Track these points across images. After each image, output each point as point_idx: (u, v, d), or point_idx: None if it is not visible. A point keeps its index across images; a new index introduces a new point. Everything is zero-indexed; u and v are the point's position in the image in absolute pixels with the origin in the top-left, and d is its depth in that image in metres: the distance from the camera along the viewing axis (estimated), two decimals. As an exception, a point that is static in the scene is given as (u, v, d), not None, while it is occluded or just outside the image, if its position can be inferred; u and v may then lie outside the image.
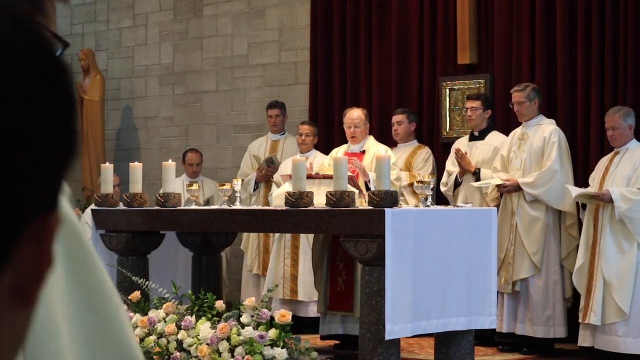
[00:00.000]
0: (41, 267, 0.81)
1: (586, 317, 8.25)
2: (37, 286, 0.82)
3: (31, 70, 0.79)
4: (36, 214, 0.80)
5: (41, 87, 0.80)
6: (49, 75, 0.81)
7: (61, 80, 0.82)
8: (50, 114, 0.80)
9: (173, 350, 7.04)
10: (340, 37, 10.92)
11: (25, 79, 0.78)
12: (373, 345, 6.73)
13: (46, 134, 0.79)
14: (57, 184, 0.82)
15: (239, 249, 10.77)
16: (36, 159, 0.79)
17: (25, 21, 0.80)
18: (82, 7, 13.33)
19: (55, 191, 0.82)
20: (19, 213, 0.78)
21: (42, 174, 0.80)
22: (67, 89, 0.82)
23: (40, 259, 0.81)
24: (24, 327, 0.83)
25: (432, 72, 10.36)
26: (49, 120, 0.80)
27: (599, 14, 9.23)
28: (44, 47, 0.81)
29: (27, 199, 0.79)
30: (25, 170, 0.78)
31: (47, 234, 0.81)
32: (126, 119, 12.93)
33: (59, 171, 0.82)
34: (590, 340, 8.32)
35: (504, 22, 9.88)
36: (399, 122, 9.87)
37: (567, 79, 9.43)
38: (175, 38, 12.42)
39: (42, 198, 0.81)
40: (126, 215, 8.16)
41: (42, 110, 0.79)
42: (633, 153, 8.43)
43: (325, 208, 7.10)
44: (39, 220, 0.80)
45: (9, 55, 0.77)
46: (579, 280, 8.42)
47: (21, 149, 0.77)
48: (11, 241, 0.78)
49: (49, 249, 0.82)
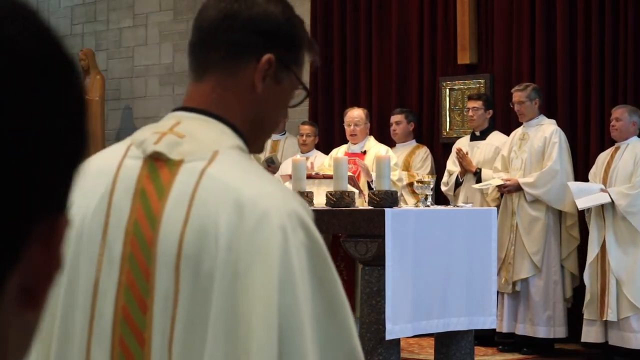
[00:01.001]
0: (50, 268, 0.81)
1: (603, 315, 8.30)
2: (46, 288, 0.82)
3: (41, 72, 0.79)
4: (45, 215, 0.80)
5: (51, 88, 0.80)
6: (59, 77, 0.81)
7: (71, 82, 0.82)
8: (60, 115, 0.80)
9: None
10: (340, 37, 10.93)
11: (35, 80, 0.78)
12: (373, 345, 6.73)
13: (55, 135, 0.79)
14: (66, 185, 0.82)
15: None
16: (45, 160, 0.79)
17: (34, 22, 0.80)
18: (82, 7, 13.33)
19: (65, 193, 0.82)
20: (27, 214, 0.78)
21: (50, 176, 0.80)
22: (77, 90, 0.82)
23: (48, 261, 0.81)
24: (32, 329, 0.83)
25: (432, 72, 10.37)
26: (58, 122, 0.80)
27: (599, 14, 9.24)
28: (53, 48, 0.81)
29: (36, 200, 0.79)
30: (33, 172, 0.78)
31: (56, 235, 0.81)
32: (126, 119, 12.93)
33: (68, 173, 0.82)
34: (600, 336, 8.37)
35: (504, 22, 9.88)
36: (398, 122, 9.87)
37: (567, 79, 9.43)
38: (175, 38, 12.43)
39: (51, 199, 0.80)
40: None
41: (52, 111, 0.79)
42: (634, 148, 8.45)
43: (325, 208, 7.10)
44: (48, 222, 0.80)
45: (19, 56, 0.77)
46: (591, 276, 8.44)
47: (30, 150, 0.77)
48: (20, 242, 0.78)
49: (57, 251, 0.82)
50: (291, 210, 1.78)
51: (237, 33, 1.92)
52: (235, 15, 1.92)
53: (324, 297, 1.76)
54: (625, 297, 8.24)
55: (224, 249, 1.74)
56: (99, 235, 1.85)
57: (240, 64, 1.92)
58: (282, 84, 1.95)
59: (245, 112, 1.93)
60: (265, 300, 1.71)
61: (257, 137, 1.98)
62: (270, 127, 2.01)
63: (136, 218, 1.82)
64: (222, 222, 1.75)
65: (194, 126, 1.89)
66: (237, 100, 1.93)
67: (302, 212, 1.81)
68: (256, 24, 1.92)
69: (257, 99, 1.93)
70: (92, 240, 1.85)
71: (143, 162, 1.86)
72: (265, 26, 1.92)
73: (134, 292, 1.81)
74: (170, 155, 1.84)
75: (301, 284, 1.73)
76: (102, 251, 1.84)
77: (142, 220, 1.82)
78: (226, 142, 1.87)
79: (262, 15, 1.92)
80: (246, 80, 1.92)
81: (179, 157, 1.84)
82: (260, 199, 1.77)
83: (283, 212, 1.77)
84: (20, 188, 0.77)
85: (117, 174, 1.87)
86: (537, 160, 8.88)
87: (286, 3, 1.99)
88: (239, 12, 1.92)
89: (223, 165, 1.83)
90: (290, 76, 1.96)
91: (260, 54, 1.91)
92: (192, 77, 2.00)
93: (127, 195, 1.84)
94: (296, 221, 1.78)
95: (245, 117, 1.93)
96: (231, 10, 1.93)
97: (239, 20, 1.92)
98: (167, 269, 1.78)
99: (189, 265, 1.76)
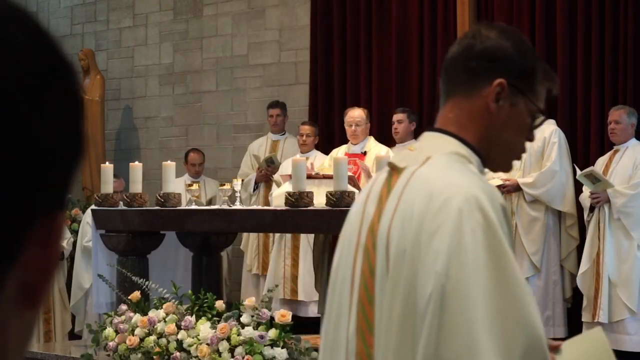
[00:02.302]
0: (48, 267, 0.82)
1: (595, 317, 8.29)
2: (44, 286, 0.82)
3: (40, 73, 0.79)
4: (43, 214, 0.80)
5: (47, 90, 0.80)
6: (57, 78, 0.81)
7: (69, 83, 0.82)
8: (58, 116, 0.80)
9: (173, 350, 7.04)
10: (340, 37, 10.92)
11: (34, 81, 0.79)
12: (373, 345, 6.73)
13: (54, 135, 0.80)
14: (64, 184, 0.82)
15: (239, 249, 10.77)
16: (42, 159, 0.79)
17: (30, 24, 0.81)
18: (82, 7, 13.33)
19: (62, 191, 0.83)
20: (27, 213, 0.79)
21: (48, 175, 0.80)
22: (75, 91, 0.83)
23: (47, 259, 0.81)
24: (30, 327, 0.83)
25: (432, 72, 10.36)
26: (55, 122, 0.80)
27: (599, 14, 9.24)
28: (50, 50, 0.81)
29: (35, 200, 0.79)
30: (31, 171, 0.78)
31: (53, 233, 0.82)
32: (126, 119, 12.93)
33: (66, 172, 0.82)
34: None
35: (504, 22, 9.85)
36: (400, 120, 9.86)
37: (567, 79, 9.43)
38: (175, 38, 12.42)
39: (49, 199, 0.81)
40: (126, 215, 8.15)
41: (48, 112, 0.79)
42: (633, 151, 8.44)
43: (325, 208, 7.10)
44: (46, 220, 0.80)
45: (16, 57, 0.78)
46: (584, 282, 8.43)
47: (27, 149, 0.78)
48: (19, 241, 0.79)
49: (56, 249, 0.82)
50: (471, 196, 2.13)
51: (473, 62, 2.31)
52: (472, 48, 2.32)
53: (497, 270, 2.05)
54: (619, 299, 8.23)
55: (414, 228, 2.13)
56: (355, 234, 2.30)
57: (475, 88, 2.30)
58: (517, 107, 2.31)
59: (478, 129, 2.30)
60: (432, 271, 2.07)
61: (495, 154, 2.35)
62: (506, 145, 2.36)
63: (374, 217, 2.26)
64: (416, 208, 2.16)
65: (425, 141, 2.33)
66: (470, 118, 2.30)
67: (482, 198, 2.13)
68: (489, 54, 2.31)
69: (490, 118, 2.30)
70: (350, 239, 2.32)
71: (387, 174, 2.31)
72: (497, 56, 2.31)
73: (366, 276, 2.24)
74: (399, 164, 2.28)
75: (472, 257, 2.05)
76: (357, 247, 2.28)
77: (375, 217, 2.26)
78: (443, 149, 2.27)
79: (495, 47, 2.31)
80: (480, 101, 2.30)
81: (404, 165, 2.27)
82: (447, 188, 2.15)
83: (463, 197, 2.12)
84: (20, 188, 0.78)
85: (372, 185, 2.35)
86: (537, 160, 8.88)
87: (518, 38, 2.38)
88: (475, 45, 2.32)
89: (430, 166, 2.23)
90: (525, 101, 2.31)
91: (493, 79, 2.29)
92: (441, 102, 2.38)
93: (373, 201, 2.29)
94: (474, 205, 2.11)
95: (480, 135, 2.31)
96: (469, 44, 2.33)
97: (474, 51, 2.32)
98: (382, 252, 2.20)
99: (394, 247, 2.17)
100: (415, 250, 2.11)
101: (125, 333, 7.31)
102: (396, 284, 2.15)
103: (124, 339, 7.28)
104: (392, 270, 2.17)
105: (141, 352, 7.21)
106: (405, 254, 2.13)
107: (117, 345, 7.34)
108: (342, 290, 2.32)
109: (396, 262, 2.16)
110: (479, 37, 2.32)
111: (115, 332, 7.39)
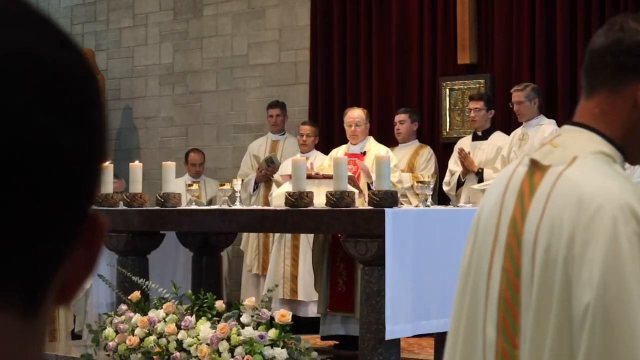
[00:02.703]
0: (88, 268, 0.83)
1: None
2: (80, 286, 0.84)
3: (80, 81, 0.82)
4: (87, 216, 0.82)
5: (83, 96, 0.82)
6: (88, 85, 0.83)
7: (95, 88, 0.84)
8: (91, 119, 0.82)
9: (173, 350, 7.05)
10: (340, 37, 10.93)
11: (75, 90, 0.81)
12: (373, 345, 6.73)
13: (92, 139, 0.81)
14: (96, 187, 0.84)
15: (239, 249, 10.77)
16: (88, 162, 0.81)
17: (53, 29, 0.81)
18: (82, 7, 13.33)
19: (95, 194, 0.84)
20: (78, 215, 0.81)
21: (92, 177, 0.82)
22: (99, 95, 0.84)
23: (89, 260, 0.83)
24: (50, 320, 0.86)
25: (432, 72, 10.37)
26: (92, 125, 0.82)
27: (599, 14, 9.24)
28: (76, 56, 0.82)
29: (82, 201, 0.81)
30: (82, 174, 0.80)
31: (97, 235, 0.83)
32: (126, 119, 12.93)
33: (99, 174, 0.84)
34: None
35: (504, 22, 9.88)
36: (402, 121, 9.86)
37: (567, 79, 9.43)
38: (175, 38, 12.43)
39: (91, 200, 0.83)
40: (126, 215, 8.16)
41: (75, 118, 0.80)
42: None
43: (325, 208, 7.10)
44: (90, 222, 0.82)
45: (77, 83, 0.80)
46: None
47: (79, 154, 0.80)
48: (74, 240, 0.80)
49: (98, 250, 0.84)
50: (624, 203, 2.06)
51: (623, 57, 2.21)
52: (621, 42, 2.21)
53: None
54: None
55: (566, 238, 2.08)
56: (493, 229, 2.25)
57: (624, 83, 2.21)
58: None
59: (625, 125, 2.22)
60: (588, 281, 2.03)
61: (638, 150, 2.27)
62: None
63: (515, 213, 2.21)
64: (566, 217, 2.10)
65: (569, 137, 2.25)
66: (617, 115, 2.22)
67: (635, 205, 2.07)
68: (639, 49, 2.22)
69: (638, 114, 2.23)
70: (487, 232, 2.27)
71: (527, 168, 2.23)
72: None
73: (510, 276, 2.20)
74: (543, 161, 2.20)
75: (630, 267, 2.01)
76: (494, 242, 2.24)
77: (517, 214, 2.21)
78: (589, 149, 2.19)
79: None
80: (629, 97, 2.21)
81: (548, 162, 2.20)
82: (597, 194, 2.08)
83: (616, 204, 2.06)
84: (72, 191, 0.79)
85: (510, 178, 2.27)
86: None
87: None
88: (624, 39, 2.21)
89: (578, 168, 2.16)
90: None
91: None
92: (583, 95, 2.29)
93: (513, 195, 2.23)
94: (628, 213, 2.05)
95: (627, 132, 2.23)
96: (617, 37, 2.21)
97: (624, 45, 2.21)
98: (528, 255, 2.15)
99: (540, 253, 2.12)
100: (569, 261, 2.07)
101: (125, 333, 7.31)
102: (545, 292, 2.11)
103: (124, 339, 7.28)
104: (538, 277, 2.13)
105: (141, 352, 7.21)
106: (556, 263, 2.09)
107: (117, 345, 7.34)
108: (476, 282, 2.32)
109: (544, 270, 2.12)
110: (627, 30, 2.21)
111: (115, 332, 7.39)
